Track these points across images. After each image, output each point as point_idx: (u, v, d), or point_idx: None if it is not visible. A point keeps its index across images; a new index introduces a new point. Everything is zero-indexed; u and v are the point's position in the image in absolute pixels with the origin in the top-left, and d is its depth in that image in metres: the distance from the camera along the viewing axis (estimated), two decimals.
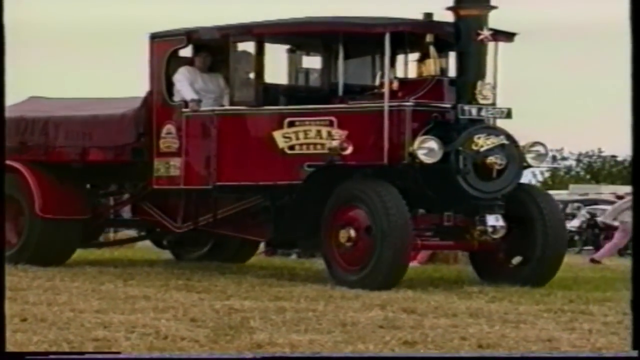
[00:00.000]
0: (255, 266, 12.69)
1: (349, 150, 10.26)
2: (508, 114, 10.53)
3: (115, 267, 11.69)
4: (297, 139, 10.66)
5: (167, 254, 13.79)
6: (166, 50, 11.55)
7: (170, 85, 11.54)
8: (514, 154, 10.42)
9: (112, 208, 13.35)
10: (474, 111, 10.27)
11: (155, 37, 11.61)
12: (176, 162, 11.40)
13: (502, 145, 10.31)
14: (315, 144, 10.58)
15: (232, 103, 11.07)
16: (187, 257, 13.58)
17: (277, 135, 10.73)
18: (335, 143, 10.30)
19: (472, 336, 6.77)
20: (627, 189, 15.37)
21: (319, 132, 10.61)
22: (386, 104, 10.31)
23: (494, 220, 10.22)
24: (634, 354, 5.45)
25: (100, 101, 12.85)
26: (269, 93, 11.03)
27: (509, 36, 10.88)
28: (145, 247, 14.60)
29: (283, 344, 6.41)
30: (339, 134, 10.40)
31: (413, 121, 10.34)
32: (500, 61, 10.72)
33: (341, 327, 7.22)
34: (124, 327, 6.95)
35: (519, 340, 6.65)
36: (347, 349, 6.22)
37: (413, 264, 14.04)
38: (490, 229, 10.18)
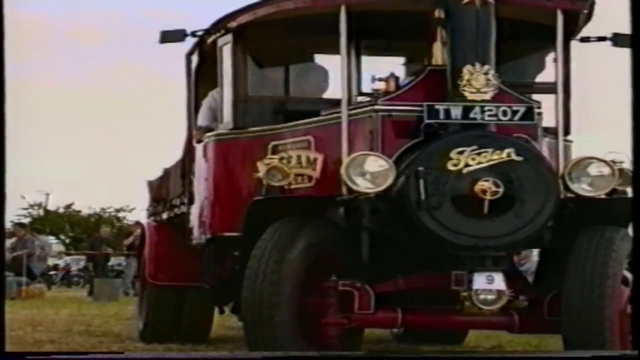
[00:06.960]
0: None
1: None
2: (526, 114, 6.69)
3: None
4: None
5: None
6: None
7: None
8: (533, 178, 6.54)
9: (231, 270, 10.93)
10: (455, 112, 6.63)
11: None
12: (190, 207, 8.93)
13: (508, 162, 6.52)
14: (296, 176, 7.51)
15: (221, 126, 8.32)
16: None
17: (261, 165, 7.80)
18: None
19: None
20: None
21: (299, 157, 7.58)
22: (344, 111, 7.04)
23: (484, 282, 6.39)
24: (634, 354, 5.53)
25: None
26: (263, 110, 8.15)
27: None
28: None
29: None
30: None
31: (389, 133, 6.95)
32: None
33: None
34: None
35: None
36: None
37: None
38: (476, 296, 6.39)
